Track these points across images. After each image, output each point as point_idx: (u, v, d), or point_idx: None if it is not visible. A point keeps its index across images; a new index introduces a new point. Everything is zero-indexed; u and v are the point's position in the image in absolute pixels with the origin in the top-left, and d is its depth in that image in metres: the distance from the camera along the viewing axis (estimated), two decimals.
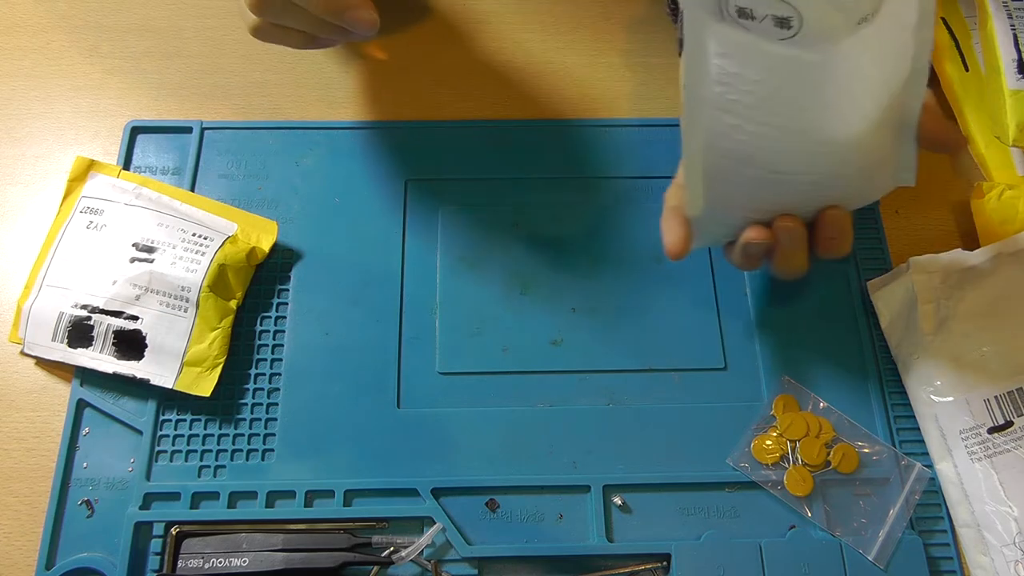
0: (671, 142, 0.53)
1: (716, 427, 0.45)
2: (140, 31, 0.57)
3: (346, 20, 0.41)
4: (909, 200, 0.52)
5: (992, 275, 0.46)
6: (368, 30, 0.42)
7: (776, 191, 0.40)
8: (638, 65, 0.57)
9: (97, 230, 0.47)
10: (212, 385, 0.45)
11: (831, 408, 0.45)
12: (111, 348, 0.45)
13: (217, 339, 0.45)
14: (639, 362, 0.47)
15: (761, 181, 0.39)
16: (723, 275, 0.49)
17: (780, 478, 0.44)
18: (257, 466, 0.44)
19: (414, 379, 0.46)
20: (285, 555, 0.41)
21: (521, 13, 0.59)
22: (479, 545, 0.42)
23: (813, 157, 0.38)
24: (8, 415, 0.46)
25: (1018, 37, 0.52)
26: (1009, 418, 0.43)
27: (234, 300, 0.47)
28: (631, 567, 0.42)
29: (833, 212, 0.40)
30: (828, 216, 0.40)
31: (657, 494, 0.44)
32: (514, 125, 0.53)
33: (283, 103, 0.54)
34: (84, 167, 0.49)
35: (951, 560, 0.43)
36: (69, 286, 0.46)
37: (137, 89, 0.55)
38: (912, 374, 0.45)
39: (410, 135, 0.53)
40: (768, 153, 0.38)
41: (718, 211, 0.41)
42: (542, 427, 0.45)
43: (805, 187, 0.39)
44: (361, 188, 0.51)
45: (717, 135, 0.38)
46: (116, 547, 0.42)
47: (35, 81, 0.55)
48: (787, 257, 0.42)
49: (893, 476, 0.44)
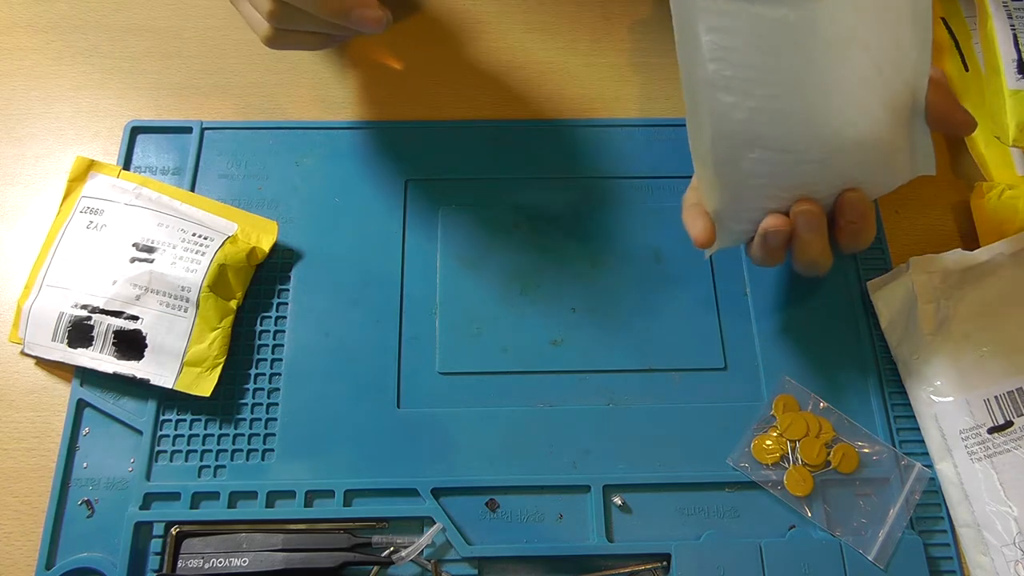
0: (672, 142, 0.53)
1: (716, 427, 0.45)
2: (140, 31, 0.57)
3: (353, 20, 0.41)
4: (909, 200, 0.52)
5: (992, 275, 0.46)
6: (376, 27, 0.42)
7: (787, 173, 0.39)
8: (639, 65, 0.57)
9: (97, 230, 0.47)
10: (212, 385, 0.45)
11: (831, 408, 0.45)
12: (111, 348, 0.45)
13: (217, 339, 0.45)
14: (639, 362, 0.47)
15: (770, 163, 0.38)
16: (723, 275, 0.49)
17: (780, 478, 0.44)
18: (257, 466, 0.44)
19: (414, 379, 0.46)
20: (285, 555, 0.41)
21: (521, 13, 0.59)
22: (479, 545, 0.42)
23: (815, 130, 0.38)
24: (8, 415, 0.46)
25: (1018, 37, 0.52)
26: (1009, 418, 0.43)
27: (234, 300, 0.47)
28: (631, 567, 0.42)
29: (851, 195, 0.39)
30: (846, 199, 0.40)
31: (657, 494, 0.44)
32: (514, 125, 0.53)
33: (283, 103, 0.54)
34: (84, 167, 0.49)
35: (951, 560, 0.43)
36: (69, 286, 0.46)
37: (137, 89, 0.55)
38: (912, 374, 0.45)
39: (410, 135, 0.53)
40: (771, 129, 0.38)
41: (734, 201, 0.40)
42: (542, 427, 0.45)
43: (814, 167, 0.39)
44: (361, 188, 0.51)
45: (719, 117, 0.38)
46: (116, 547, 0.42)
47: (35, 81, 0.55)
48: (806, 245, 0.41)
49: (893, 476, 0.44)
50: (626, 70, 0.57)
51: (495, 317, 0.48)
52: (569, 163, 0.52)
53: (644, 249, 0.49)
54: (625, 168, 0.52)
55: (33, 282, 0.46)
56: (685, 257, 0.49)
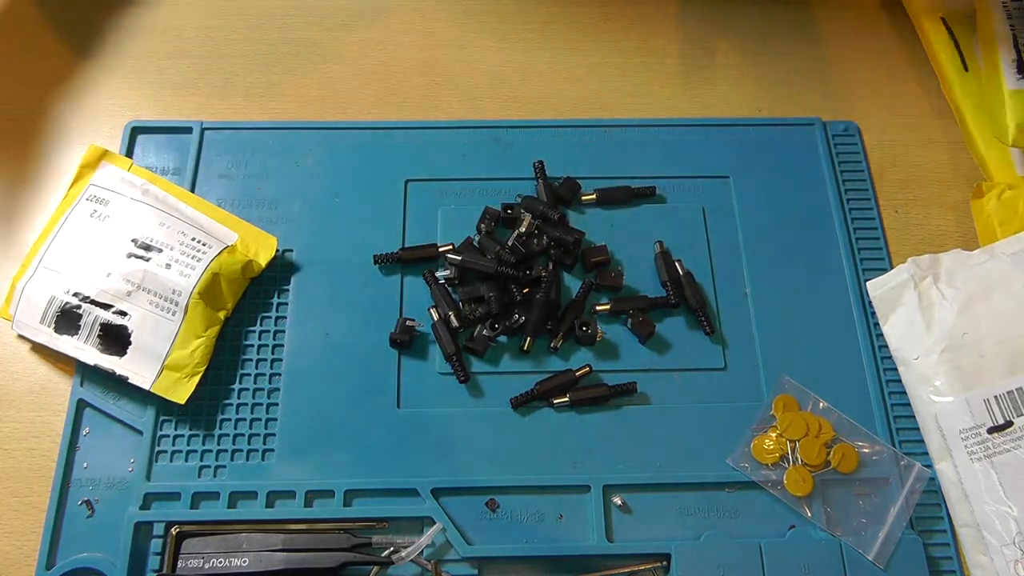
0: (671, 142, 0.53)
1: (716, 427, 0.45)
2: (140, 31, 0.57)
3: None
4: (909, 200, 0.52)
5: (992, 275, 0.46)
6: None
7: None
8: (638, 65, 0.57)
9: (100, 220, 0.47)
10: (188, 393, 0.44)
11: (831, 408, 0.45)
12: (96, 340, 0.45)
13: (200, 348, 0.45)
14: (639, 362, 0.47)
15: None
16: (723, 275, 0.49)
17: (780, 478, 0.44)
18: (257, 466, 0.44)
19: (414, 379, 0.46)
20: (285, 555, 0.41)
21: (521, 13, 0.59)
22: (479, 545, 0.42)
23: None
24: (8, 415, 0.46)
25: (1018, 37, 0.52)
26: (1009, 418, 0.43)
27: (223, 311, 0.47)
28: (631, 567, 0.42)
29: None
30: None
31: (657, 494, 0.44)
32: (514, 125, 0.53)
33: (283, 103, 0.54)
34: (97, 155, 0.49)
35: (951, 560, 0.43)
36: (64, 271, 0.46)
37: (137, 89, 0.55)
38: (912, 374, 0.45)
39: (410, 135, 0.53)
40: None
41: None
42: (542, 427, 0.45)
43: None
44: (361, 188, 0.51)
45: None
46: (116, 547, 0.42)
47: (35, 81, 0.55)
48: None
49: (893, 476, 0.44)
50: (626, 70, 0.57)
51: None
52: (570, 163, 0.52)
53: (644, 249, 0.49)
54: (625, 168, 0.52)
55: (30, 261, 0.46)
56: (685, 257, 0.49)
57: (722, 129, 0.54)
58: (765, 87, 0.56)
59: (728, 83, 0.56)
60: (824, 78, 0.57)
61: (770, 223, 0.51)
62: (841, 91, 0.56)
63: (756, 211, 0.51)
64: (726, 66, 0.57)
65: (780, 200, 0.51)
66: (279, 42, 0.57)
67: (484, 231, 0.49)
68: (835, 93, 0.56)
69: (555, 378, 0.45)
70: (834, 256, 0.50)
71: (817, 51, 0.58)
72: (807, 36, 0.58)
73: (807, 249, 0.50)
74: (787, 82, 0.56)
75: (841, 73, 0.57)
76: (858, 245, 0.50)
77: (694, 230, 0.50)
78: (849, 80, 0.57)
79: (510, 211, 0.49)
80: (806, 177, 0.52)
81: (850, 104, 0.56)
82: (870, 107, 0.56)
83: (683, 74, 0.57)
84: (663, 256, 0.49)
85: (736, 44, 0.58)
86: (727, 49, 0.58)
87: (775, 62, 0.57)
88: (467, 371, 0.45)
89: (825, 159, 0.53)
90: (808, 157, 0.53)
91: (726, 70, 0.57)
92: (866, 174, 0.53)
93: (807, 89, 0.56)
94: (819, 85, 0.56)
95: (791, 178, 0.52)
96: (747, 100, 0.56)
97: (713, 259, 0.50)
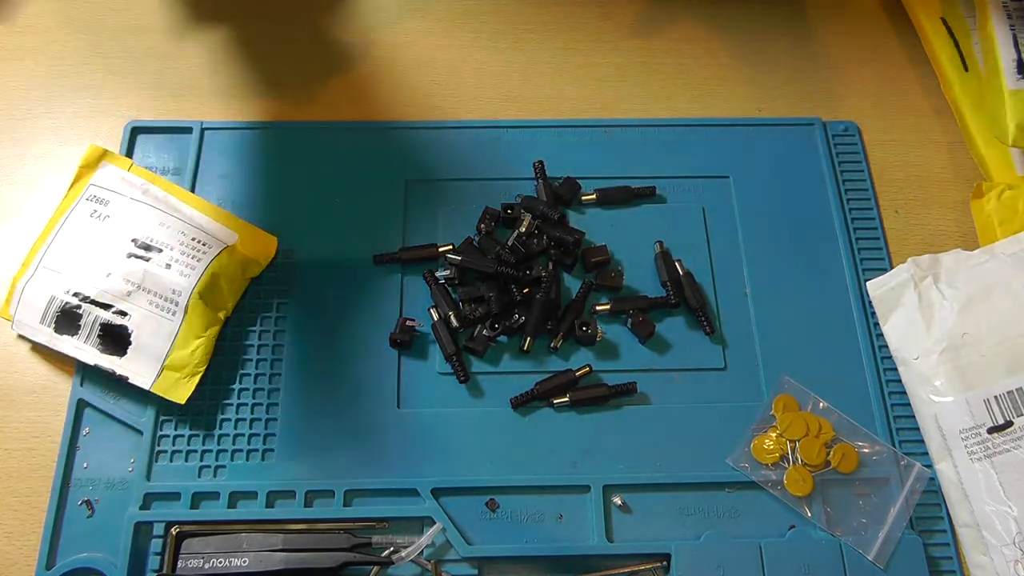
0: (671, 142, 0.53)
1: (716, 427, 0.45)
2: (140, 31, 0.57)
3: None
4: (909, 200, 0.52)
5: (992, 275, 0.46)
6: None
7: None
8: (638, 65, 0.57)
9: (100, 220, 0.47)
10: (188, 393, 0.44)
11: (831, 408, 0.45)
12: (96, 340, 0.45)
13: (200, 348, 0.45)
14: (639, 362, 0.47)
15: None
16: (723, 275, 0.49)
17: (780, 478, 0.44)
18: (257, 466, 0.44)
19: (414, 379, 0.46)
20: (285, 555, 0.41)
21: (521, 14, 0.59)
22: (479, 545, 0.42)
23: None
24: (8, 415, 0.46)
25: (1018, 37, 0.52)
26: (1009, 418, 0.43)
27: (223, 311, 0.47)
28: (631, 567, 0.42)
29: None
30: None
31: (657, 494, 0.44)
32: (514, 125, 0.53)
33: (283, 103, 0.54)
34: (97, 155, 0.49)
35: (951, 560, 0.43)
36: (64, 271, 0.46)
37: (137, 89, 0.55)
38: (912, 374, 0.45)
39: (410, 135, 0.53)
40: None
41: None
42: (542, 427, 0.45)
43: None
44: (361, 188, 0.51)
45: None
46: (116, 547, 0.42)
47: (35, 81, 0.55)
48: None
49: (893, 476, 0.44)
50: (626, 70, 0.57)
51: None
52: (570, 163, 0.52)
53: (643, 249, 0.49)
54: (625, 168, 0.52)
55: (31, 261, 0.46)
56: (685, 257, 0.49)
57: (722, 129, 0.54)
58: (765, 87, 0.56)
59: (728, 83, 0.56)
60: (824, 78, 0.57)
61: (770, 223, 0.51)
62: (841, 91, 0.56)
63: (756, 211, 0.51)
64: (726, 66, 0.57)
65: (780, 200, 0.51)
66: (279, 42, 0.57)
67: (484, 231, 0.49)
68: (835, 93, 0.56)
69: (555, 378, 0.45)
70: (834, 256, 0.50)
71: (817, 51, 0.58)
72: (807, 36, 0.58)
73: (807, 249, 0.50)
74: (787, 82, 0.56)
75: (841, 73, 0.57)
76: (858, 245, 0.50)
77: (694, 230, 0.50)
78: (849, 80, 0.57)
79: (510, 211, 0.50)
80: (806, 177, 0.52)
81: (850, 104, 0.56)
82: (870, 107, 0.56)
83: (683, 74, 0.57)
84: (663, 256, 0.49)
85: (736, 44, 0.58)
86: (727, 49, 0.58)
87: (775, 62, 0.57)
88: (467, 371, 0.46)
89: (825, 159, 0.53)
90: (808, 157, 0.53)
91: (726, 70, 0.57)
92: (866, 174, 0.53)
93: (807, 89, 0.56)
94: (819, 85, 0.56)
95: (791, 178, 0.52)
96: (747, 100, 0.56)
97: (713, 259, 0.50)
